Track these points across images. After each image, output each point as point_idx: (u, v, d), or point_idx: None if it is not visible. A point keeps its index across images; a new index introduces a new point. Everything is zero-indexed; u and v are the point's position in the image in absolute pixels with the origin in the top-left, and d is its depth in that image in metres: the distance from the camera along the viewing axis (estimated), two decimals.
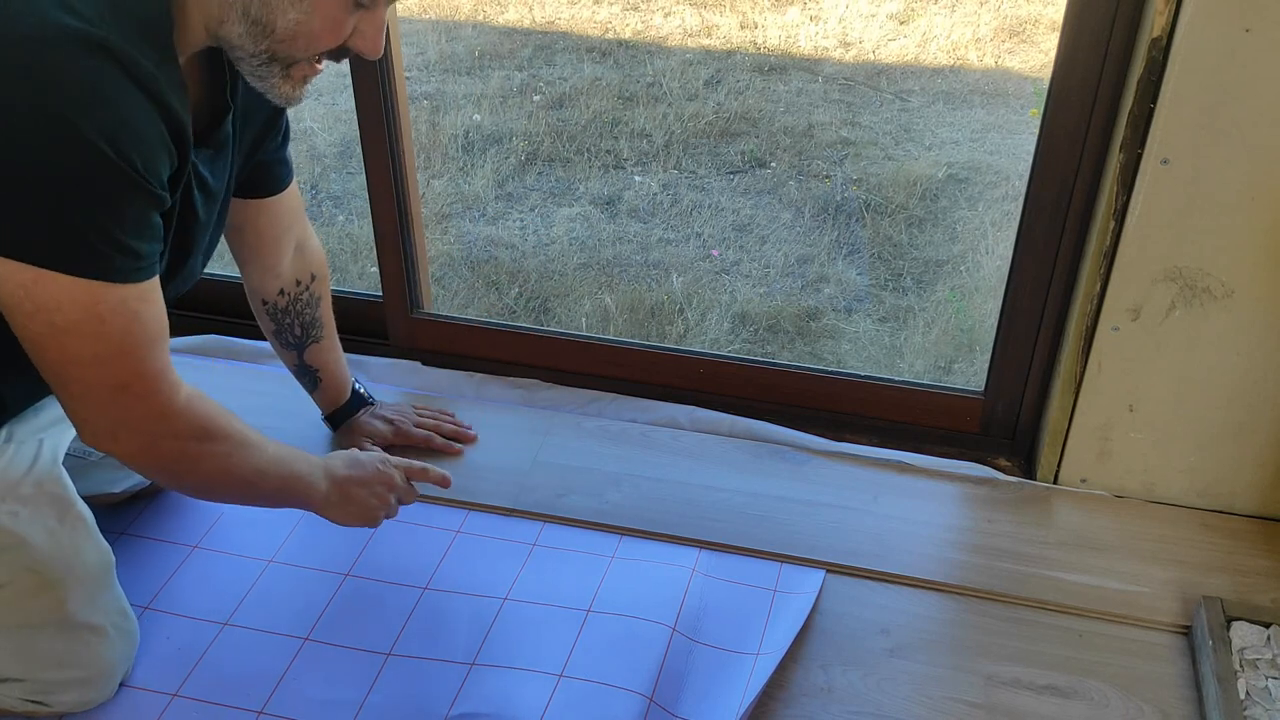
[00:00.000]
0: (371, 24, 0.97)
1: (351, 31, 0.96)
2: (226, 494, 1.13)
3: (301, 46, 0.95)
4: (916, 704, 1.17)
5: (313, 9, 0.92)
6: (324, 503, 1.19)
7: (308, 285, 1.39)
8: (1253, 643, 1.20)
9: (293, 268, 1.36)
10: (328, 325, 1.43)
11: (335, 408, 1.49)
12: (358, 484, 1.21)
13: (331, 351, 1.45)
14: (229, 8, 0.92)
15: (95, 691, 1.13)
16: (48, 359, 0.93)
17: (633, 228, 2.93)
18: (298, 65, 0.97)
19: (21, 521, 1.06)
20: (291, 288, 1.37)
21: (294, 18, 0.92)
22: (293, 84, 0.98)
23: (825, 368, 1.88)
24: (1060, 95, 1.30)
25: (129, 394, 0.96)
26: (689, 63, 3.81)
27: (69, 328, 0.91)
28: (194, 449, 1.04)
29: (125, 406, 0.97)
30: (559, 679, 1.17)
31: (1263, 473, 1.40)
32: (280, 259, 1.34)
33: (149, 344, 0.96)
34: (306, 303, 1.39)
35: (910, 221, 2.93)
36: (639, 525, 1.39)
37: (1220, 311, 1.30)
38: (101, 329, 0.92)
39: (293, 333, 1.40)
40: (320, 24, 0.93)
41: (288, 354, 1.42)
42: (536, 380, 1.67)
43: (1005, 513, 1.43)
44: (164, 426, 1.00)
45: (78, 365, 0.93)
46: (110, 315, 0.92)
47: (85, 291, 0.90)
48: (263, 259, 1.32)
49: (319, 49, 0.96)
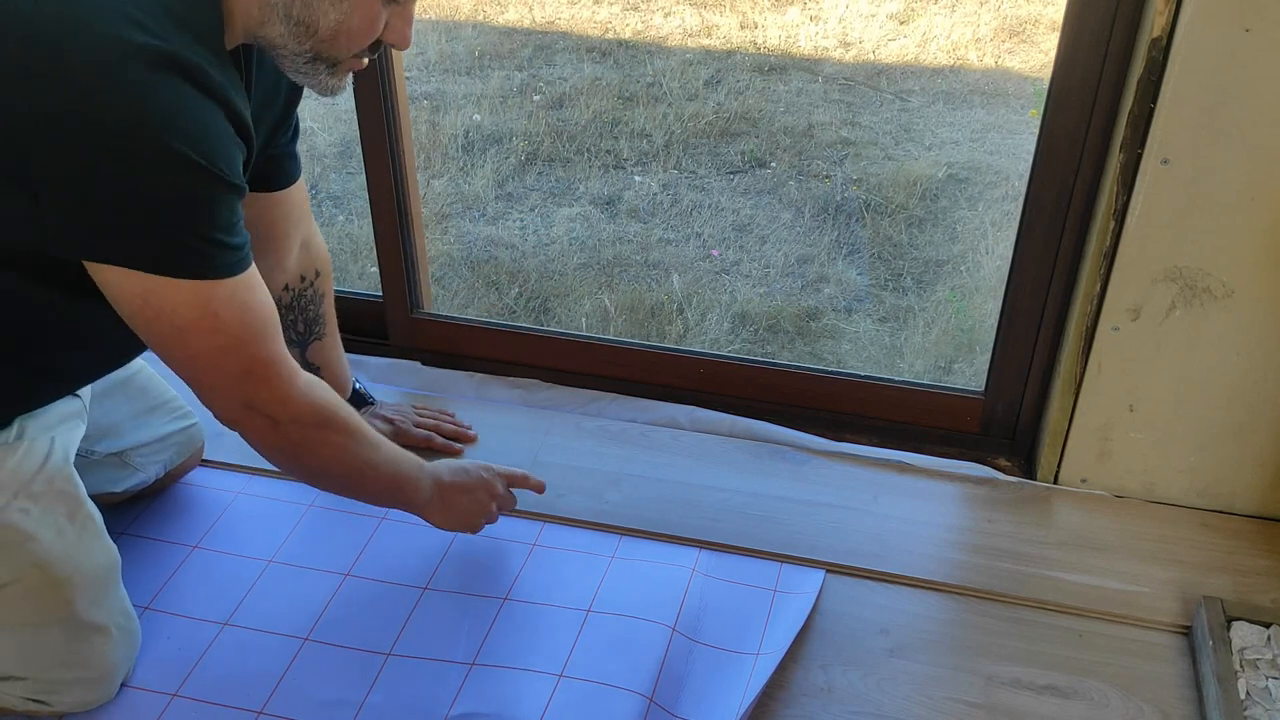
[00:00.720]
0: (401, 17, 1.01)
1: (385, 27, 1.00)
2: (339, 483, 1.17)
3: (344, 45, 0.98)
4: (916, 704, 1.17)
5: (352, 9, 0.96)
6: (427, 505, 1.23)
7: (312, 281, 1.40)
8: (1253, 643, 1.20)
9: (298, 263, 1.37)
10: (330, 322, 1.44)
11: None
12: (461, 490, 1.26)
13: (333, 350, 1.45)
14: (270, 10, 0.96)
15: (97, 692, 1.13)
16: (176, 356, 0.99)
17: (633, 228, 2.93)
18: (343, 64, 1.01)
19: (32, 519, 1.06)
20: (296, 284, 1.38)
21: (335, 18, 0.96)
22: (339, 79, 1.03)
23: (825, 368, 1.88)
24: (1060, 95, 1.30)
25: (253, 380, 1.02)
26: (689, 63, 3.81)
27: (188, 326, 0.96)
28: (316, 435, 1.09)
29: (251, 392, 1.03)
30: (559, 679, 1.17)
31: (1263, 473, 1.40)
32: (287, 254, 1.35)
33: (262, 330, 1.01)
34: (310, 299, 1.40)
35: (910, 221, 2.93)
36: (639, 525, 1.39)
37: (1220, 311, 1.30)
38: (217, 323, 0.97)
39: (296, 329, 1.40)
40: (359, 22, 0.97)
41: (292, 352, 1.42)
42: (536, 380, 1.67)
43: (1005, 513, 1.43)
44: (287, 411, 1.05)
45: (204, 358, 0.99)
46: (223, 309, 0.97)
47: (196, 291, 0.95)
48: (269, 254, 1.32)
49: (359, 46, 0.99)
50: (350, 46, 0.99)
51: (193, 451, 1.43)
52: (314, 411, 1.08)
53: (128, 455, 1.34)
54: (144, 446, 1.35)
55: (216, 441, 1.51)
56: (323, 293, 1.42)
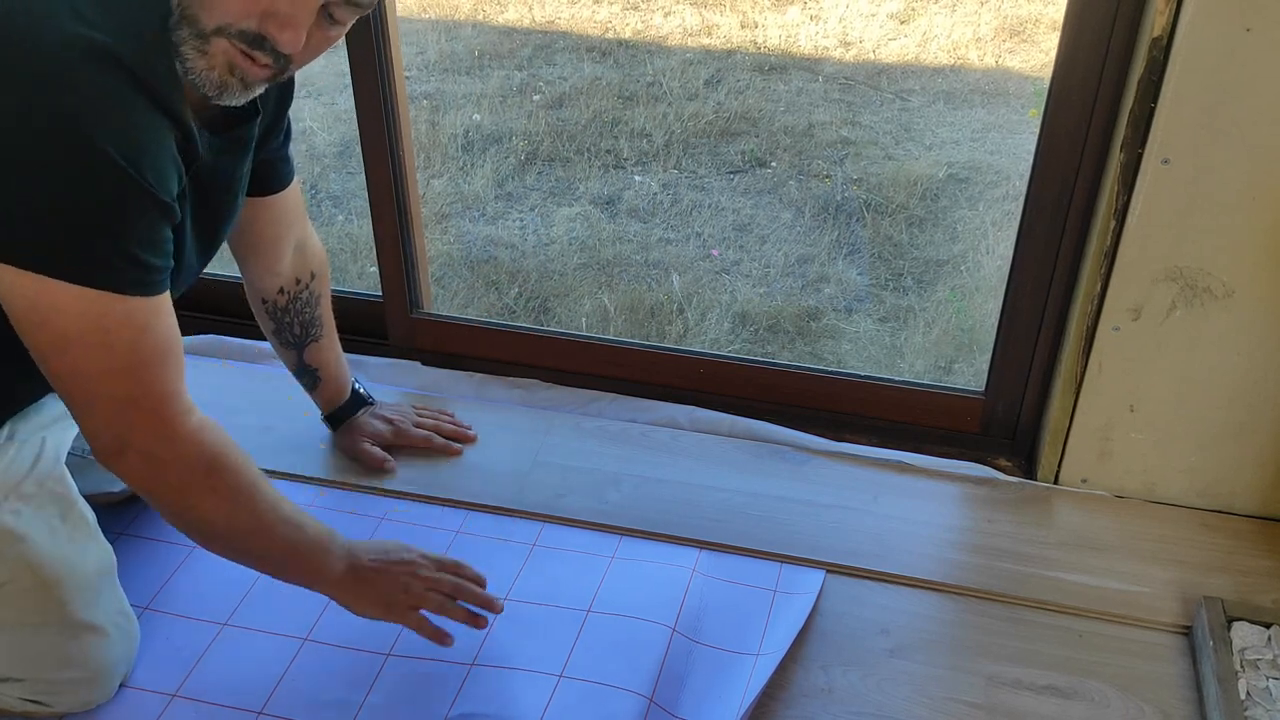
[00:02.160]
0: (289, 5, 0.88)
1: (266, 11, 0.88)
2: (225, 543, 1.05)
3: (206, 3, 0.87)
4: (917, 704, 1.16)
5: None
6: (338, 584, 1.10)
7: (307, 284, 1.38)
8: (1253, 643, 1.20)
9: (293, 266, 1.36)
10: (327, 324, 1.43)
11: (334, 407, 1.48)
12: (378, 571, 1.12)
13: (331, 351, 1.44)
14: None
15: (95, 692, 1.13)
16: (53, 369, 0.92)
17: (633, 227, 2.93)
18: (214, 40, 0.89)
19: (24, 520, 1.06)
20: (291, 286, 1.36)
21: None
22: (209, 61, 0.90)
23: (825, 368, 1.88)
24: (1061, 95, 1.30)
25: (136, 410, 0.94)
26: (689, 62, 3.81)
27: (75, 338, 0.89)
28: (199, 482, 0.99)
29: (131, 423, 0.94)
30: (559, 679, 1.17)
31: (1263, 473, 1.40)
32: (280, 257, 1.34)
33: (158, 360, 0.94)
34: (306, 301, 1.38)
35: (910, 221, 2.93)
36: (639, 525, 1.39)
37: (1221, 311, 1.30)
38: (107, 339, 0.90)
39: (292, 331, 1.39)
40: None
41: (287, 353, 1.42)
42: (536, 380, 1.67)
43: (1005, 513, 1.43)
44: (170, 450, 0.97)
45: (84, 378, 0.92)
46: (117, 327, 0.90)
47: (91, 302, 0.88)
48: (263, 257, 1.32)
49: (226, 13, 0.87)
50: (214, 9, 0.87)
51: None
52: (201, 455, 0.98)
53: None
54: None
55: None
56: (319, 295, 1.40)
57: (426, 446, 1.50)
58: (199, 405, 1.40)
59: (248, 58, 0.90)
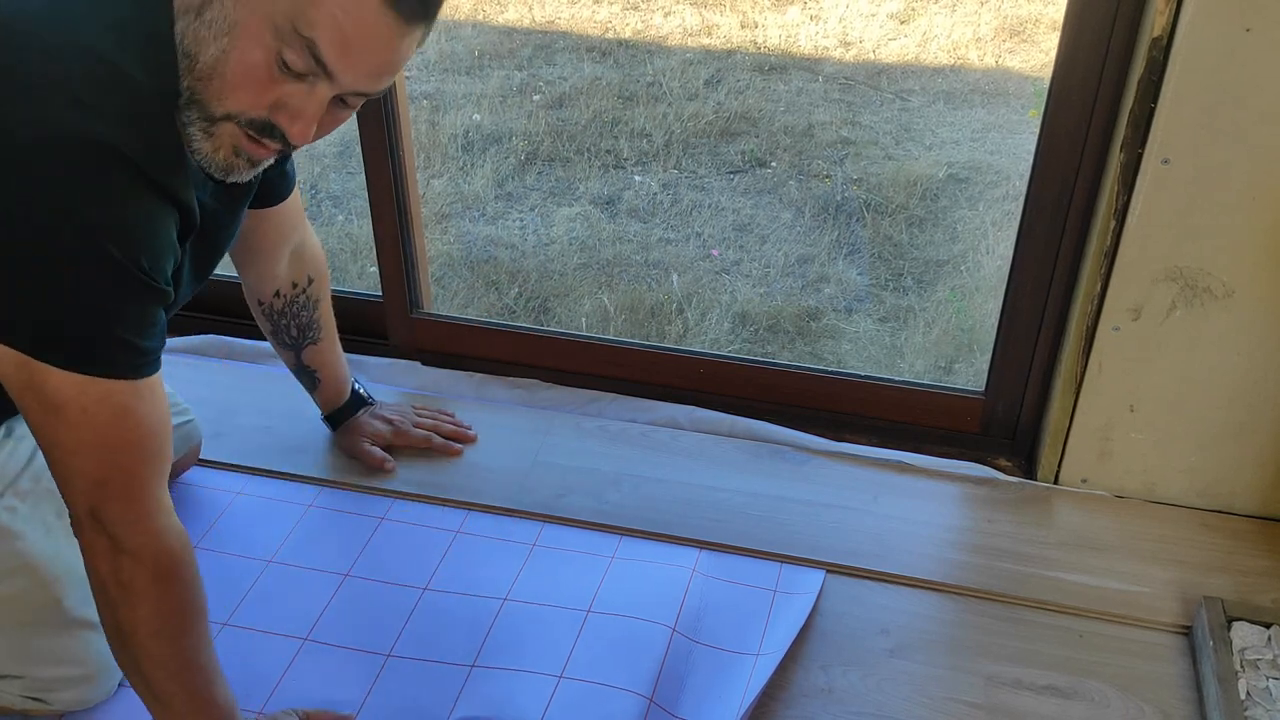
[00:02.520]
0: (300, 98, 0.86)
1: (275, 104, 0.87)
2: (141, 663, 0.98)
3: (218, 92, 0.86)
4: (917, 704, 1.16)
5: (232, 45, 0.84)
6: None
7: (304, 288, 1.37)
8: (1253, 643, 1.20)
9: (289, 271, 1.35)
10: (326, 327, 1.42)
11: (334, 407, 1.48)
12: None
13: (330, 353, 1.44)
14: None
15: (94, 689, 1.13)
16: (34, 430, 0.92)
17: (633, 227, 2.93)
18: (222, 124, 0.87)
19: (19, 517, 1.06)
20: (288, 290, 1.36)
21: (214, 52, 0.84)
22: (214, 144, 0.89)
23: (825, 368, 1.88)
24: (1061, 95, 1.30)
25: (108, 490, 0.92)
26: (689, 62, 3.81)
27: (54, 410, 0.89)
28: (144, 583, 0.95)
29: (99, 500, 0.93)
30: (559, 680, 1.17)
31: (1263, 473, 1.40)
32: (277, 263, 1.33)
33: (134, 445, 0.92)
34: (303, 305, 1.38)
35: (910, 221, 2.93)
36: (639, 525, 1.39)
37: (1221, 311, 1.30)
38: (84, 419, 0.89)
39: (289, 334, 1.39)
40: (236, 67, 0.84)
41: (286, 354, 1.42)
42: (536, 380, 1.67)
43: (1005, 513, 1.43)
44: (129, 539, 0.94)
45: (60, 449, 0.91)
46: (95, 407, 0.89)
47: (73, 383, 0.88)
48: (259, 263, 1.32)
49: (238, 104, 0.86)
50: (225, 99, 0.86)
51: (189, 449, 1.43)
52: (158, 558, 0.95)
53: None
54: None
55: (215, 441, 1.51)
56: (316, 298, 1.39)
57: (426, 446, 1.50)
58: (199, 405, 1.40)
59: (254, 141, 0.89)
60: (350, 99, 0.90)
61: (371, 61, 0.87)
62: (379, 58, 0.87)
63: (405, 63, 0.91)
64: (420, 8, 0.86)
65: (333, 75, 0.85)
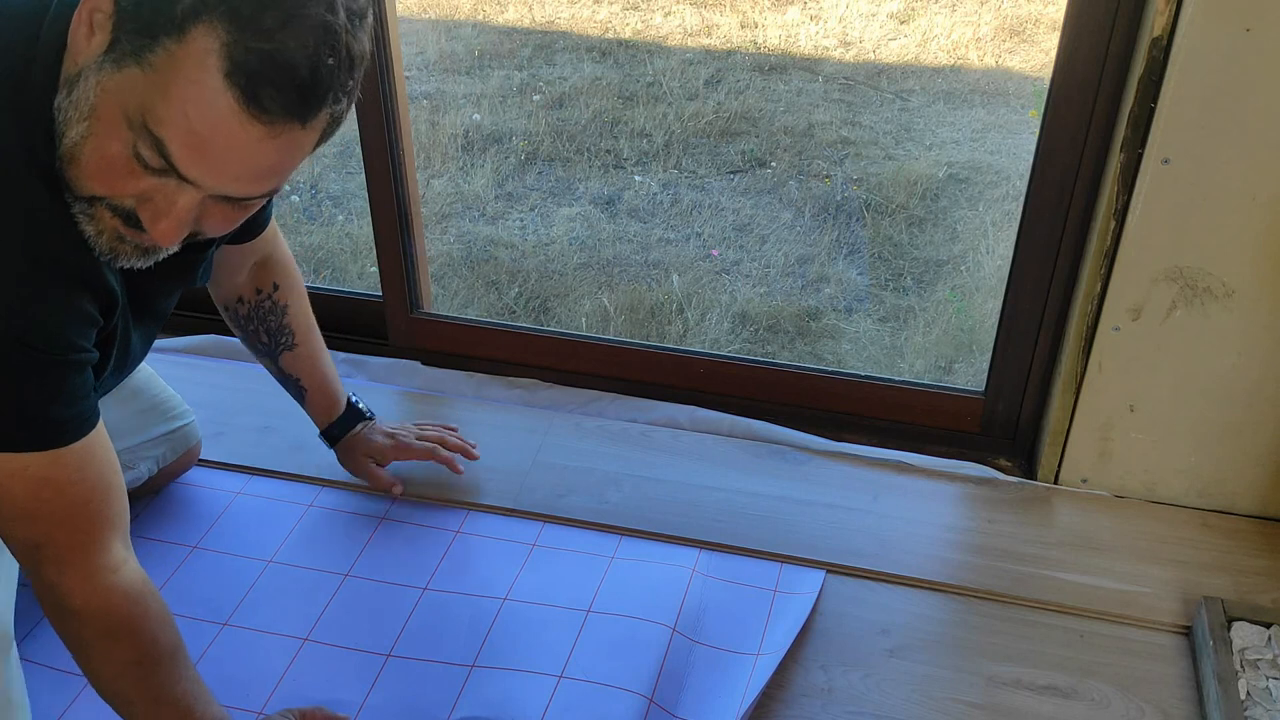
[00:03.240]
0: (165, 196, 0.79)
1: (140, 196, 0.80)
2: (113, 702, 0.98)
3: (82, 175, 0.79)
4: (917, 704, 1.16)
5: (90, 132, 0.77)
6: None
7: (269, 294, 1.30)
8: (1253, 643, 1.20)
9: (251, 279, 1.29)
10: (300, 332, 1.34)
11: (328, 421, 1.40)
12: None
13: (309, 360, 1.35)
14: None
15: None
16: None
17: (633, 227, 2.93)
18: (97, 206, 0.81)
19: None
20: (251, 295, 1.30)
21: (74, 136, 0.78)
22: (97, 227, 0.82)
23: (825, 368, 1.88)
24: (1060, 95, 1.30)
25: (40, 554, 0.91)
26: (689, 62, 3.81)
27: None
28: (94, 638, 0.94)
29: (35, 564, 0.91)
30: (559, 680, 1.17)
31: (1263, 473, 1.40)
32: (236, 275, 1.28)
33: (64, 511, 0.90)
34: (269, 310, 1.31)
35: (910, 221, 2.93)
36: (639, 525, 1.39)
37: (1221, 311, 1.30)
38: (3, 492, 0.87)
39: (260, 339, 1.33)
40: (92, 155, 0.78)
41: (264, 361, 1.37)
42: (536, 380, 1.67)
43: (1005, 513, 1.43)
44: (71, 600, 0.92)
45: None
46: (9, 481, 0.87)
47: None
48: (219, 277, 1.26)
49: (101, 189, 0.80)
50: (89, 182, 0.79)
51: (186, 450, 1.42)
52: (101, 618, 0.93)
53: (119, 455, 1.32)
54: (136, 446, 1.33)
55: (215, 441, 1.51)
56: (284, 304, 1.31)
57: (429, 458, 1.42)
58: (199, 406, 1.39)
59: (135, 229, 0.82)
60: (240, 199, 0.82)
61: (232, 167, 0.77)
62: (243, 163, 0.78)
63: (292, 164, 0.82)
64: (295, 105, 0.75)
65: (187, 179, 0.77)
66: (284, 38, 0.73)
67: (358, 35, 0.79)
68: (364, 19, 0.80)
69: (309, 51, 0.74)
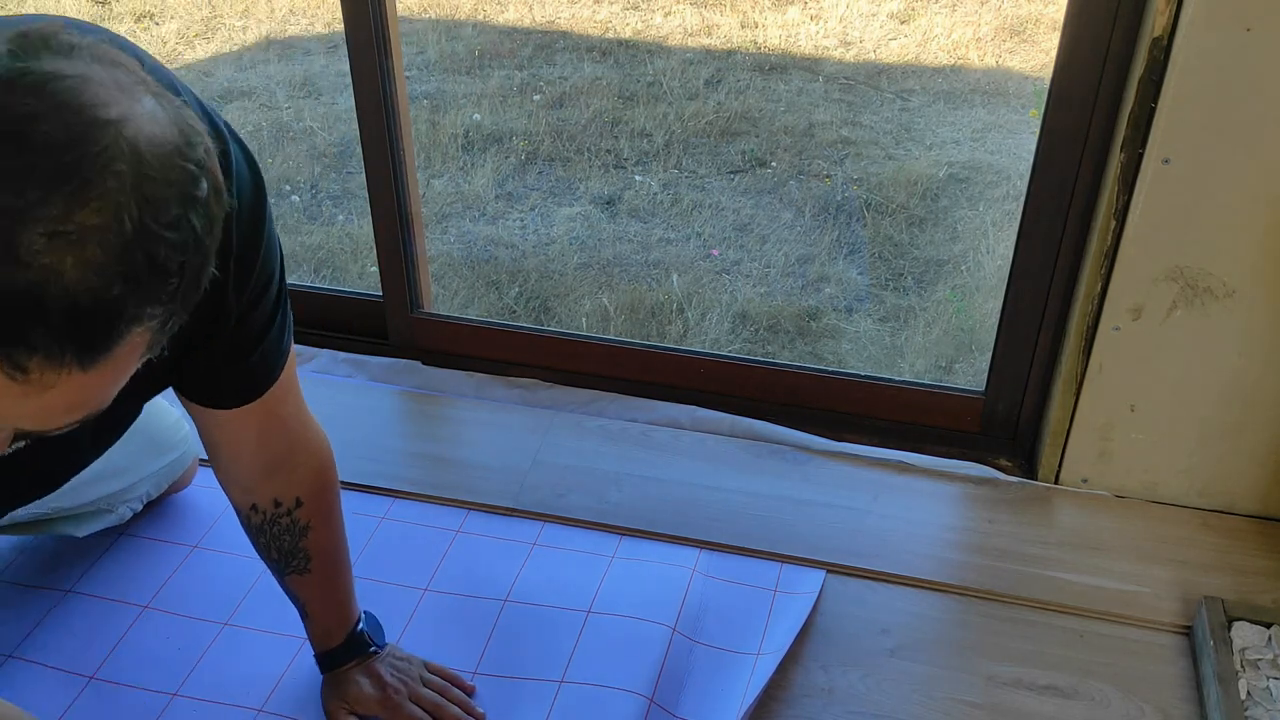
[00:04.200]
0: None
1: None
2: None
3: None
4: (917, 704, 1.16)
5: None
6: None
7: (289, 510, 1.05)
8: (1254, 643, 1.20)
9: (271, 484, 1.04)
10: (318, 558, 1.09)
11: (323, 649, 1.15)
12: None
13: (321, 588, 1.11)
14: None
15: None
16: None
17: (633, 227, 2.93)
18: None
19: None
20: (268, 507, 1.05)
21: None
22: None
23: (825, 368, 1.88)
24: (1061, 95, 1.30)
25: None
26: (689, 62, 3.81)
27: None
28: None
29: None
30: (560, 683, 1.17)
31: (1263, 473, 1.40)
32: (247, 472, 1.04)
33: None
34: (286, 529, 1.07)
35: (911, 221, 2.93)
36: (639, 525, 1.39)
37: (1221, 311, 1.30)
38: None
39: (269, 554, 1.10)
40: None
41: (269, 566, 1.12)
42: (536, 380, 1.67)
43: (1006, 513, 1.43)
44: None
45: None
46: None
47: None
48: (223, 462, 1.04)
49: None
50: None
51: (172, 482, 1.37)
52: None
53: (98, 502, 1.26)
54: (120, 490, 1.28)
55: None
56: (304, 525, 1.06)
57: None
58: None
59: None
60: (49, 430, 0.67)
61: (10, 420, 0.63)
62: (21, 415, 0.62)
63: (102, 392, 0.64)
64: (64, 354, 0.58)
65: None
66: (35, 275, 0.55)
67: (167, 233, 0.59)
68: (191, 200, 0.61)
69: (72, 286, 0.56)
